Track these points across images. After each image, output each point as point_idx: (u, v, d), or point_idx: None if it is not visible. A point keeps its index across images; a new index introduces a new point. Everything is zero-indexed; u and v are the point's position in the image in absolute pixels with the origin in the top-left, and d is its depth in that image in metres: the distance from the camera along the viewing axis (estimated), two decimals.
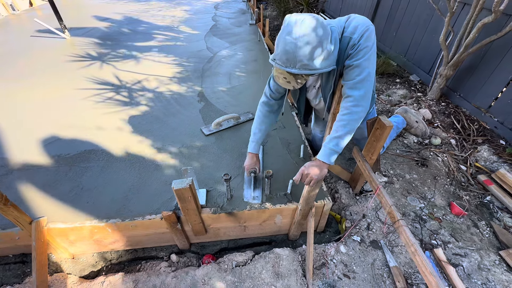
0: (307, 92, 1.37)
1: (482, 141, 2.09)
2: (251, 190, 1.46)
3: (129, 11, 6.02)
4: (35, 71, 3.03)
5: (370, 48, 1.03)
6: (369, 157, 1.46)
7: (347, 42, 1.04)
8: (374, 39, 1.05)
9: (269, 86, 1.36)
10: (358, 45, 1.02)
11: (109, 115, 2.20)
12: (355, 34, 1.02)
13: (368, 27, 1.02)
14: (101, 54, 3.52)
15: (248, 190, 1.47)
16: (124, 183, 1.55)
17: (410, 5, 3.08)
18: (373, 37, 1.04)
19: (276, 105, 1.41)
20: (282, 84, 1.06)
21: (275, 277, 1.28)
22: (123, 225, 1.32)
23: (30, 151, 1.81)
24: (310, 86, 1.35)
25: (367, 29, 1.02)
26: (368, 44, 1.02)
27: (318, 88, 1.32)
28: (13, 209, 1.12)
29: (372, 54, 1.05)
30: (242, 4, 6.95)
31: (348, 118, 1.10)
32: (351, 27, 1.04)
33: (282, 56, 0.96)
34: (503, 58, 2.07)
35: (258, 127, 1.42)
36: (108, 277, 1.31)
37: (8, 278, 1.38)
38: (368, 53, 1.03)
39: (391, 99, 2.77)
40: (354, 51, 1.04)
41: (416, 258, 0.99)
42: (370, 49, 1.03)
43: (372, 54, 1.05)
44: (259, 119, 1.42)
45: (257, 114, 1.44)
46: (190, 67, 3.16)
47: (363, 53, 1.03)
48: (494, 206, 1.64)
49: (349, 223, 1.57)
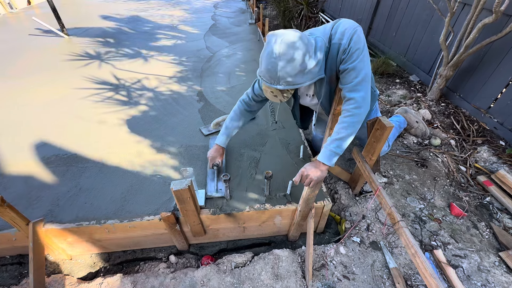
0: (300, 100, 1.38)
1: (481, 142, 2.09)
2: (214, 183, 1.47)
3: (128, 10, 5.99)
4: (33, 70, 3.00)
5: (362, 49, 1.04)
6: (369, 157, 1.45)
7: (337, 49, 1.06)
8: (364, 40, 1.06)
9: (252, 89, 1.39)
10: (349, 49, 1.03)
11: (108, 114, 2.19)
12: (344, 39, 1.03)
13: (356, 29, 1.03)
14: (100, 53, 3.50)
15: (212, 183, 1.47)
16: (122, 184, 1.54)
17: (410, 5, 3.08)
18: (362, 37, 1.05)
19: (255, 106, 1.45)
20: (270, 98, 1.10)
21: (275, 278, 1.28)
22: (121, 226, 1.31)
23: (27, 151, 1.79)
24: (302, 94, 1.36)
25: (354, 32, 1.03)
26: (359, 46, 1.03)
27: (313, 96, 1.33)
28: (10, 210, 1.10)
29: (365, 55, 1.06)
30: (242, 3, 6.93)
31: (349, 120, 1.10)
32: (338, 33, 1.05)
33: (265, 74, 1.00)
34: (503, 59, 2.06)
35: (231, 122, 1.47)
36: (106, 278, 1.30)
37: (5, 279, 1.36)
38: (361, 54, 1.04)
39: (391, 99, 2.76)
40: (347, 55, 1.05)
41: (416, 260, 0.99)
42: (362, 50, 1.04)
43: (365, 55, 1.06)
44: (235, 115, 1.46)
45: (234, 109, 1.47)
46: (189, 67, 3.14)
47: (356, 55, 1.04)
48: (494, 207, 1.64)
49: (349, 224, 1.57)
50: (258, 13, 4.46)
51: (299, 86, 1.02)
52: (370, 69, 1.11)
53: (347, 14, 4.70)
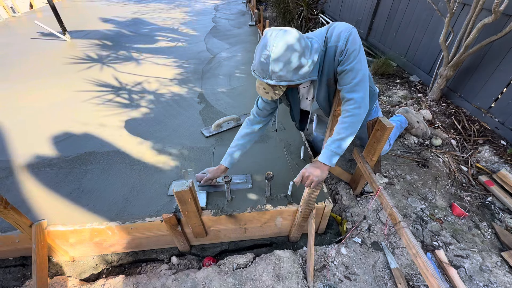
0: (300, 104, 1.39)
1: (483, 142, 2.08)
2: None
3: (129, 13, 6.03)
4: (35, 73, 3.03)
5: (358, 50, 1.06)
6: (370, 158, 1.45)
7: (334, 51, 1.07)
8: (359, 41, 1.07)
9: (257, 106, 1.40)
10: (346, 50, 1.05)
11: (110, 117, 2.20)
12: (340, 41, 1.05)
13: (351, 31, 1.05)
14: (101, 56, 3.53)
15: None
16: (124, 185, 1.55)
17: (410, 6, 3.08)
18: (357, 38, 1.06)
19: (262, 122, 1.44)
20: (262, 95, 1.09)
21: (276, 279, 1.28)
22: (123, 227, 1.32)
23: (30, 154, 1.81)
24: (302, 97, 1.36)
25: (350, 33, 1.04)
26: (355, 47, 1.04)
27: (312, 99, 1.33)
28: (13, 212, 1.11)
29: (362, 55, 1.07)
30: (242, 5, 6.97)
31: (350, 120, 1.10)
32: (334, 36, 1.06)
33: (258, 67, 1.00)
34: (503, 59, 2.06)
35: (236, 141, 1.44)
36: (108, 280, 1.31)
37: (8, 281, 1.37)
38: (358, 55, 1.05)
39: (391, 99, 2.76)
40: (344, 57, 1.06)
41: (418, 260, 0.99)
42: (359, 51, 1.06)
43: (361, 55, 1.07)
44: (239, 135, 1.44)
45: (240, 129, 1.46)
46: (190, 69, 3.16)
47: (353, 56, 1.05)
48: (496, 207, 1.63)
49: (350, 224, 1.57)
50: (258, 15, 4.48)
51: (290, 84, 1.01)
52: (368, 69, 1.12)
53: (347, 15, 4.71)
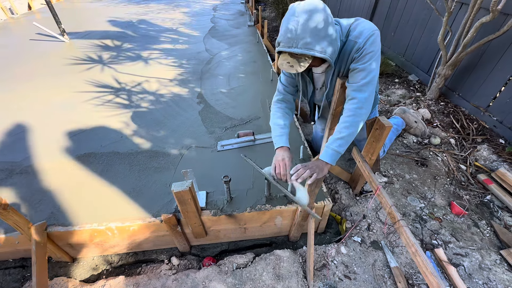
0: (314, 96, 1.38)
1: (481, 140, 2.09)
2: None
3: (128, 14, 6.03)
4: (35, 75, 3.03)
5: (375, 53, 1.05)
6: (369, 157, 1.46)
7: (352, 46, 1.07)
8: (379, 45, 1.07)
9: (281, 82, 1.37)
10: (363, 50, 1.04)
11: (109, 118, 2.20)
12: (360, 38, 1.04)
13: (374, 32, 1.04)
14: (101, 57, 3.53)
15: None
16: (124, 186, 1.55)
17: (408, 5, 3.09)
18: (378, 42, 1.06)
19: (291, 100, 1.38)
20: (286, 69, 1.06)
21: (276, 279, 1.28)
22: (123, 228, 1.32)
23: (29, 155, 1.81)
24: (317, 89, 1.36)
25: (372, 34, 1.04)
26: (373, 49, 1.04)
27: (321, 88, 1.35)
28: (13, 214, 1.11)
29: (377, 59, 1.07)
30: (241, 5, 6.97)
31: (351, 120, 1.11)
32: (357, 31, 1.06)
33: (285, 35, 0.97)
34: (501, 57, 2.07)
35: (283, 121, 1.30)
36: (108, 281, 1.31)
37: (8, 282, 1.37)
38: (374, 57, 1.05)
39: (390, 99, 2.77)
40: (360, 55, 1.06)
41: (417, 259, 0.99)
42: (375, 54, 1.06)
43: (377, 59, 1.07)
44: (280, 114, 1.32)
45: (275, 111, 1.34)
46: (189, 69, 3.16)
47: (369, 57, 1.05)
48: (495, 205, 1.64)
49: (350, 223, 1.57)
50: (257, 15, 4.48)
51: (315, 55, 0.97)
52: (378, 74, 1.12)
53: (345, 14, 4.72)
